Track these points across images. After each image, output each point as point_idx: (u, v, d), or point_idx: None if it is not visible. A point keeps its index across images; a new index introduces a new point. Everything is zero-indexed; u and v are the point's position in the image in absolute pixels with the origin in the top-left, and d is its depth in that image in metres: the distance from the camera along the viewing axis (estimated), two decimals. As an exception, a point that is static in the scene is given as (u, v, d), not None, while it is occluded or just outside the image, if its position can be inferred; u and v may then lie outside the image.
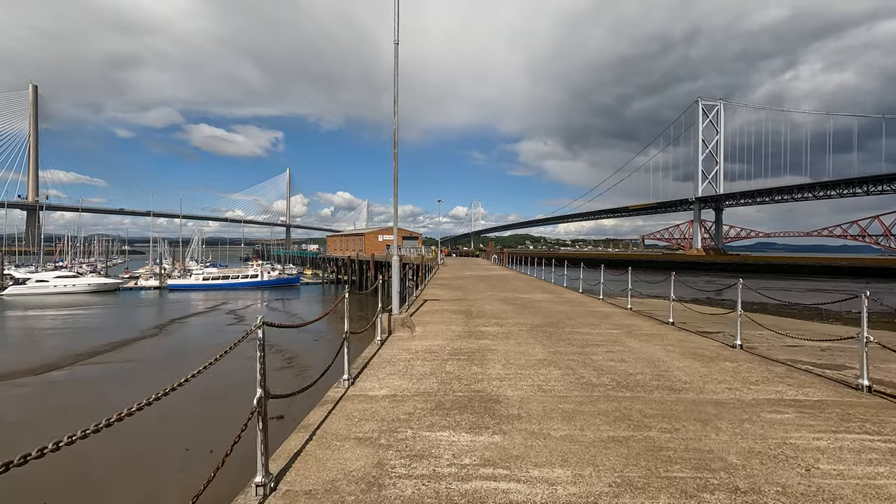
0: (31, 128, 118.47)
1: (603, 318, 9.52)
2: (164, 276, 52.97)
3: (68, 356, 21.71)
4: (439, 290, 15.13)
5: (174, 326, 30.73)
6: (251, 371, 3.09)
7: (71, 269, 58.40)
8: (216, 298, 45.49)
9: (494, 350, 6.36)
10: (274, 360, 20.02)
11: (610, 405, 4.14)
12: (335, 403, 4.19)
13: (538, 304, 11.76)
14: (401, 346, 6.63)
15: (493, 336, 7.37)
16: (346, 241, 69.38)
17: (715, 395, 4.45)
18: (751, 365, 5.68)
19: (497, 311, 10.35)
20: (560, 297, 13.63)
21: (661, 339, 7.24)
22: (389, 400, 4.28)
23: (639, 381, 4.88)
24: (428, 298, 12.70)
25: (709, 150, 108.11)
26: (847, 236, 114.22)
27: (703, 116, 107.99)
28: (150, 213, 60.95)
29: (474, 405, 4.12)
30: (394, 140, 7.49)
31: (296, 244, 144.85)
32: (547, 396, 4.38)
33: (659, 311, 11.14)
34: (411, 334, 7.41)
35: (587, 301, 12.64)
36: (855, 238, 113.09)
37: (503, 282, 19.30)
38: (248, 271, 54.05)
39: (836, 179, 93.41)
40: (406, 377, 5.04)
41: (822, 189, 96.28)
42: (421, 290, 15.67)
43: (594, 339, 7.23)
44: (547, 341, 6.98)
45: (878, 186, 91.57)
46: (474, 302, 11.96)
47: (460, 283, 18.59)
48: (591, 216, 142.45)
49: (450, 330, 7.84)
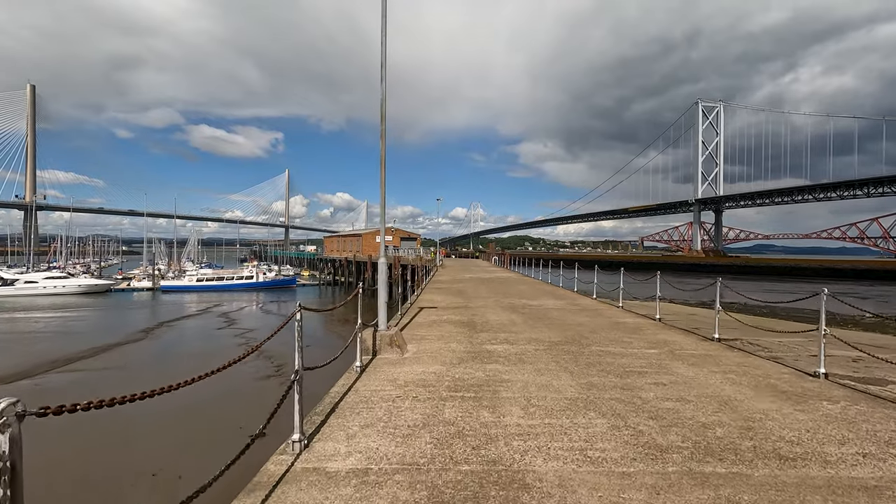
0: (28, 128, 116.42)
1: (631, 331, 7.95)
2: (158, 277, 51.34)
3: (44, 363, 20.13)
4: (437, 296, 13.57)
5: (161, 330, 29.10)
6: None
7: (63, 269, 56.77)
8: (210, 300, 43.87)
9: (509, 382, 4.80)
10: (260, 368, 18.51)
11: (703, 494, 2.58)
12: (269, 492, 2.62)
13: (550, 313, 10.18)
14: (386, 374, 5.06)
15: (504, 358, 5.80)
16: (343, 241, 67.71)
17: (853, 471, 2.90)
18: (861, 408, 4.12)
19: (504, 322, 8.78)
20: (573, 303, 12.07)
21: (715, 363, 5.68)
22: (357, 482, 2.71)
23: (724, 442, 3.32)
24: (425, 305, 11.13)
25: (709, 151, 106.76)
26: (846, 238, 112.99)
27: (702, 118, 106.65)
28: (144, 214, 59.24)
29: (489, 494, 2.57)
30: (381, 130, 5.96)
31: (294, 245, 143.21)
32: (598, 473, 2.82)
33: (685, 319, 9.59)
34: (401, 355, 5.85)
35: (605, 309, 11.07)
36: (854, 240, 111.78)
37: (507, 285, 17.74)
38: (243, 272, 52.39)
39: (836, 181, 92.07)
40: (387, 432, 3.47)
41: (823, 191, 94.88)
42: (417, 294, 14.11)
43: (632, 363, 5.66)
44: (573, 366, 5.42)
45: (878, 188, 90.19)
46: (477, 310, 10.39)
47: (460, 286, 17.03)
48: (590, 218, 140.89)
49: (449, 349, 6.28)
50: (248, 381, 17.37)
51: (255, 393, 16.24)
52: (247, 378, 17.56)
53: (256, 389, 16.47)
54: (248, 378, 17.57)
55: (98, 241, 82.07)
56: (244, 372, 17.82)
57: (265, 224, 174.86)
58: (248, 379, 17.53)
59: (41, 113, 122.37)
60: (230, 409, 14.36)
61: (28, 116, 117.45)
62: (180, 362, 20.97)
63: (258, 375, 18.06)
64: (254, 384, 17.07)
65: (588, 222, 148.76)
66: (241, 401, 15.20)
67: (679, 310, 11.88)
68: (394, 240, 59.85)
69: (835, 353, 6.33)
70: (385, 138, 6.14)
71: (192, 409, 13.38)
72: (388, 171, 6.28)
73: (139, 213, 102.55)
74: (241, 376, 17.33)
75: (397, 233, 62.73)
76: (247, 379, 17.52)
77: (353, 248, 61.15)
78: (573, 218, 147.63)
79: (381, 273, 6.20)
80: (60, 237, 62.08)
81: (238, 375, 17.50)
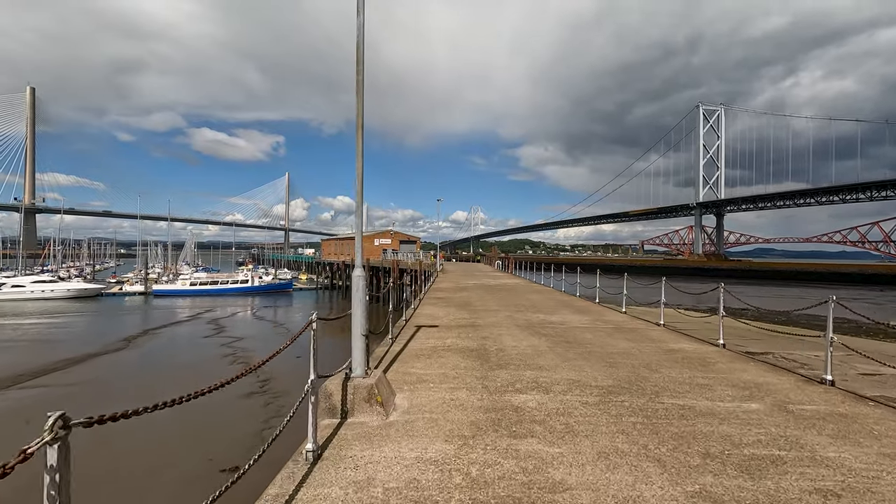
0: (28, 130, 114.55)
1: (698, 365, 5.85)
2: (151, 281, 49.24)
3: (7, 377, 18.07)
4: (439, 309, 11.47)
5: (145, 339, 27.02)
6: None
7: (56, 272, 54.67)
8: (202, 305, 41.81)
9: (564, 486, 2.72)
10: (243, 385, 16.44)
11: None
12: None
13: (580, 334, 8.08)
14: (356, 469, 2.95)
15: (541, 425, 3.70)
16: (340, 244, 65.44)
17: None
18: None
19: (527, 349, 6.68)
20: (601, 319, 9.97)
21: (869, 435, 3.60)
22: None
23: None
24: (423, 323, 9.04)
25: (710, 155, 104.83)
26: (847, 242, 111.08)
27: (703, 121, 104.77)
28: (138, 216, 57.21)
29: None
30: (357, 115, 4.01)
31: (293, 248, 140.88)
32: None
33: (737, 337, 7.52)
34: (384, 418, 3.77)
35: (644, 328, 8.95)
36: (854, 244, 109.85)
37: (516, 294, 15.64)
38: (238, 276, 50.28)
39: (839, 185, 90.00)
40: None
41: (826, 194, 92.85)
42: (415, 307, 12.00)
43: (742, 434, 3.55)
44: (658, 446, 3.31)
45: (882, 192, 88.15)
46: (489, 330, 8.29)
47: (464, 296, 14.92)
48: (591, 221, 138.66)
49: (456, 403, 4.20)
50: (229, 399, 15.39)
51: (234, 415, 14.25)
52: (227, 395, 15.57)
53: (237, 412, 14.50)
54: (228, 396, 15.58)
55: (95, 243, 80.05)
56: (229, 387, 15.78)
57: (264, 227, 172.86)
58: (229, 396, 15.54)
59: (42, 116, 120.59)
60: (203, 434, 12.33)
61: (27, 119, 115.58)
62: (159, 376, 18.94)
63: (240, 393, 16.09)
64: (235, 404, 15.10)
65: (588, 226, 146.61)
66: (216, 426, 13.19)
67: (713, 322, 9.80)
68: (392, 243, 57.71)
69: None
70: (362, 129, 4.16)
71: (159, 432, 11.33)
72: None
73: (133, 216, 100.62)
74: (218, 393, 15.26)
75: (396, 236, 60.56)
76: (228, 396, 15.53)
77: (351, 251, 59.07)
78: (574, 221, 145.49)
79: (356, 290, 4.12)
80: (53, 239, 59.95)
81: (223, 389, 15.55)
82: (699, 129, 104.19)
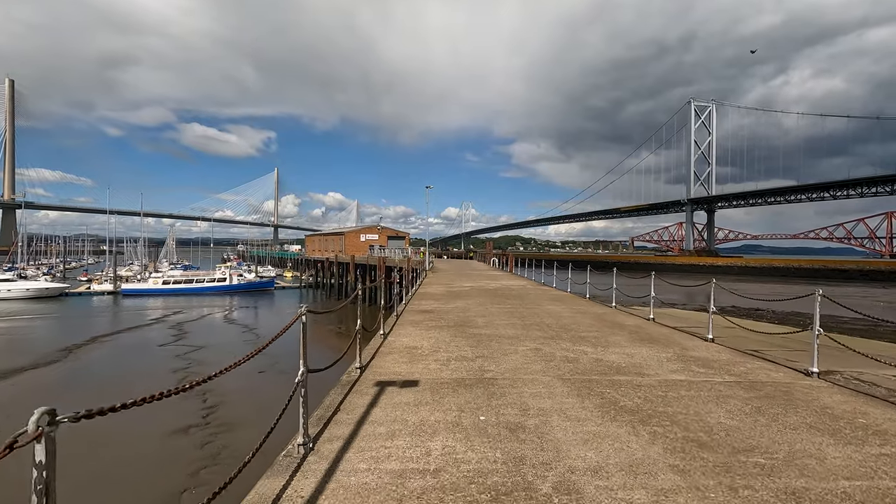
0: (6, 123, 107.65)
1: None
2: (122, 279, 44.56)
3: None
4: (424, 336, 7.30)
5: (91, 347, 22.65)
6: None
7: (23, 270, 49.70)
8: (174, 306, 37.35)
9: None
10: (181, 414, 12.41)
11: None
12: None
13: (701, 409, 4.14)
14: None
15: None
16: (325, 240, 60.82)
17: None
18: None
19: (608, 458, 2.73)
20: (689, 356, 6.02)
21: None
22: None
23: None
24: (389, 377, 5.03)
25: (701, 151, 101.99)
26: (832, 238, 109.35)
27: (695, 118, 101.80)
28: (107, 211, 52.25)
29: None
30: None
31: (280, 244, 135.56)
32: None
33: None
34: None
35: (747, 366, 5.01)
36: (840, 240, 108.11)
37: (530, 304, 11.64)
38: (214, 274, 45.76)
39: (830, 181, 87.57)
40: None
41: (816, 191, 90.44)
42: (385, 331, 7.90)
43: None
44: None
45: (872, 188, 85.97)
46: (514, 398, 4.30)
47: (461, 307, 10.89)
48: (582, 218, 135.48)
49: None
50: (155, 433, 11.55)
51: (153, 461, 10.39)
52: (156, 427, 11.65)
53: (160, 454, 10.62)
54: (157, 427, 11.67)
55: (73, 240, 74.62)
56: (164, 415, 11.89)
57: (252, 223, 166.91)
58: (157, 429, 11.69)
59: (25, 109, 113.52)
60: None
61: (7, 112, 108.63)
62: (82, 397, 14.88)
63: (174, 425, 12.18)
64: (161, 443, 11.24)
65: (579, 222, 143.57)
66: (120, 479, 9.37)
67: (765, 330, 5.95)
68: (380, 239, 53.43)
69: None
70: None
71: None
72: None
73: (101, 211, 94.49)
74: (146, 425, 11.27)
75: (384, 231, 56.21)
76: (156, 429, 11.66)
77: (336, 247, 54.57)
78: (565, 218, 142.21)
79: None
80: (20, 235, 54.75)
81: (156, 419, 11.54)
82: (691, 125, 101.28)
